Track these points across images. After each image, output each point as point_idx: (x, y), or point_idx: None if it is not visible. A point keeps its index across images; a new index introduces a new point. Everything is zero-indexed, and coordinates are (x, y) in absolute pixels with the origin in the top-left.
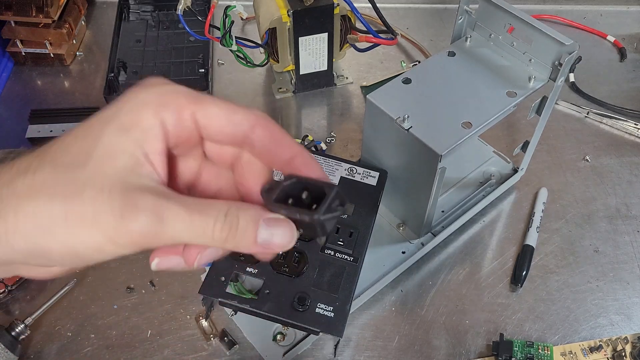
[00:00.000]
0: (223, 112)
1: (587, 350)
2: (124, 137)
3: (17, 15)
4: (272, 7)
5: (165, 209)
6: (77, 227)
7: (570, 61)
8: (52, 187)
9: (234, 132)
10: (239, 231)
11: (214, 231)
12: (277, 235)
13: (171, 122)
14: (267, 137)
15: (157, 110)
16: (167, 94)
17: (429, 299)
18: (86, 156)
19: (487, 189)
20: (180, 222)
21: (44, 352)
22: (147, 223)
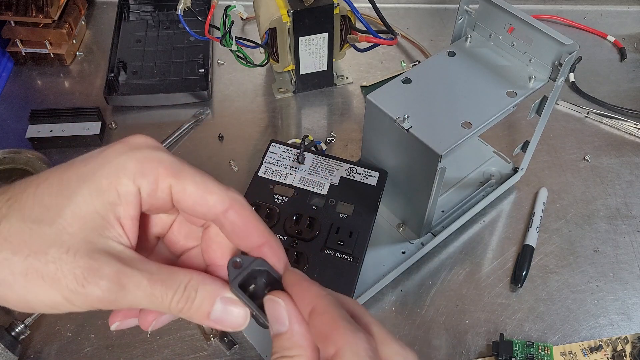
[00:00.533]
0: (199, 191)
1: (587, 350)
2: (99, 199)
3: (17, 15)
4: (272, 7)
5: (128, 277)
6: (35, 285)
7: (570, 61)
8: (17, 242)
9: (206, 212)
10: (194, 305)
11: (171, 302)
12: (231, 316)
13: (147, 191)
14: (238, 222)
15: (135, 177)
16: (147, 161)
17: (429, 299)
18: (56, 213)
19: (487, 189)
20: (141, 292)
21: (44, 352)
22: (107, 290)
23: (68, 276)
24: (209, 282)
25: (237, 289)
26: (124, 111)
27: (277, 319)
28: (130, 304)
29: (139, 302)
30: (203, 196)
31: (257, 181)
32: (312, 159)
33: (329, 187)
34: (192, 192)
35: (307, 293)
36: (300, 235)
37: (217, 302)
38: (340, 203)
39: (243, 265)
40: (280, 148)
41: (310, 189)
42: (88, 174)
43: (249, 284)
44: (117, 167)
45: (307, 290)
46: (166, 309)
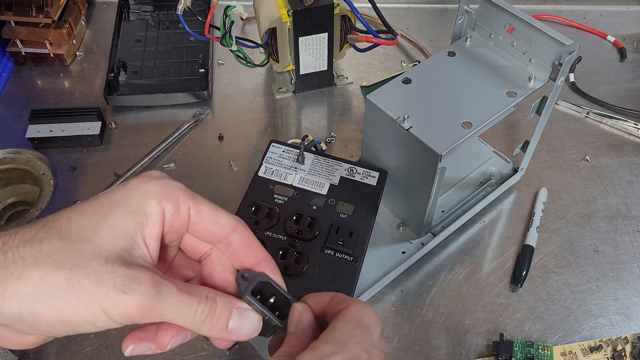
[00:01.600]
0: (212, 212)
1: (587, 350)
2: (130, 220)
3: (17, 15)
4: (272, 7)
5: (162, 284)
6: (77, 296)
7: (570, 61)
8: (58, 258)
9: (217, 232)
10: (216, 314)
11: (196, 312)
12: (247, 323)
13: (170, 212)
14: (243, 241)
15: (161, 200)
16: (170, 187)
17: (429, 299)
18: (93, 233)
19: (487, 189)
20: (173, 299)
21: (44, 352)
22: (145, 294)
23: (109, 285)
24: (225, 295)
25: (250, 296)
26: (124, 111)
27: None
28: (162, 314)
29: (170, 311)
30: (216, 216)
31: (257, 181)
32: (312, 159)
33: (329, 187)
34: (207, 212)
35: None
36: (300, 235)
37: (234, 312)
38: (340, 203)
39: (250, 278)
40: (280, 148)
41: (310, 189)
42: (119, 199)
43: (256, 294)
44: (145, 191)
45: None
46: (191, 319)
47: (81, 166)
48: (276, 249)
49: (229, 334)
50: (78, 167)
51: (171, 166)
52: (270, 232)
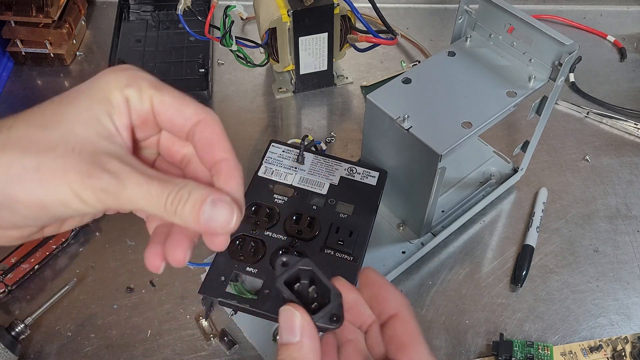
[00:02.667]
0: (176, 102)
1: (587, 350)
2: (97, 107)
3: (17, 15)
4: (272, 7)
5: (128, 173)
6: (46, 179)
7: (570, 61)
8: (25, 143)
9: (182, 124)
10: (187, 205)
11: (166, 201)
12: (219, 216)
13: (134, 100)
14: (205, 135)
15: (123, 88)
16: (132, 77)
17: (429, 299)
18: (60, 118)
19: (487, 189)
20: (139, 187)
21: (44, 352)
22: (109, 182)
23: (75, 169)
24: (203, 187)
25: (282, 285)
26: None
27: (290, 329)
28: (131, 202)
29: (137, 199)
30: (180, 108)
31: (257, 181)
32: (312, 159)
33: (328, 187)
34: (170, 103)
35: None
36: (300, 235)
37: (206, 203)
38: (340, 203)
39: (290, 264)
40: (280, 148)
41: (310, 188)
42: (83, 89)
43: (295, 282)
44: (108, 81)
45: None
46: (161, 208)
47: None
48: (276, 249)
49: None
50: None
51: None
52: (270, 232)
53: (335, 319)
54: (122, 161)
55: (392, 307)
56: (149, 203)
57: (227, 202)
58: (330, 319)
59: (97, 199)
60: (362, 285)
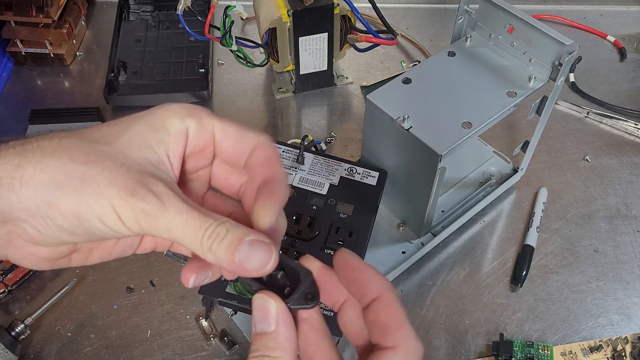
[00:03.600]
0: (238, 129)
1: (587, 350)
2: (152, 134)
3: (17, 15)
4: (272, 7)
5: (171, 198)
6: (89, 190)
7: (570, 61)
8: (76, 152)
9: (243, 151)
10: (223, 242)
11: (203, 235)
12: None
13: (194, 129)
14: (266, 155)
15: (184, 118)
16: (193, 109)
17: (429, 299)
18: (113, 138)
19: (487, 189)
20: (179, 215)
21: (44, 352)
22: (151, 203)
23: (120, 185)
24: (241, 226)
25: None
26: (124, 111)
27: (265, 318)
28: (167, 228)
29: (174, 228)
30: (242, 133)
31: None
32: (312, 159)
33: (328, 187)
34: (232, 130)
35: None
36: (300, 235)
37: (244, 242)
38: (340, 203)
39: None
40: (280, 148)
41: (310, 189)
42: (142, 115)
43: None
44: (168, 110)
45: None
46: (198, 242)
47: None
48: None
49: (238, 266)
50: None
51: None
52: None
53: (311, 296)
54: (168, 186)
55: (374, 290)
56: (186, 234)
57: (265, 243)
58: (305, 298)
59: (135, 219)
60: (338, 269)
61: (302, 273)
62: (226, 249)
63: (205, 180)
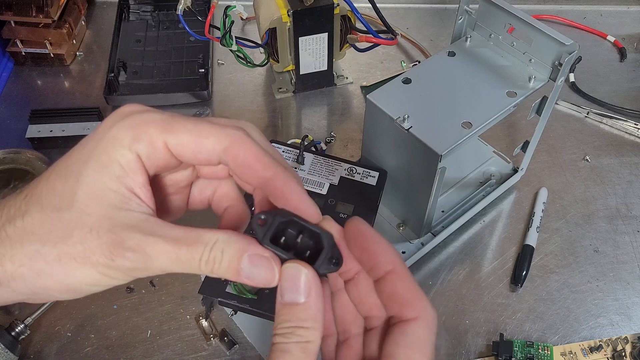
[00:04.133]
0: (194, 138)
1: (587, 350)
2: (105, 176)
3: (17, 15)
4: (272, 7)
5: (152, 245)
6: (71, 267)
7: (570, 61)
8: (42, 232)
9: (208, 157)
10: (223, 265)
11: (200, 265)
12: (259, 275)
13: (146, 154)
14: (239, 159)
15: (131, 145)
16: (138, 126)
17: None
18: (71, 197)
19: (487, 189)
20: (167, 258)
21: (44, 352)
22: (134, 260)
23: (97, 253)
24: (235, 241)
25: (269, 245)
26: None
27: (297, 288)
28: (161, 268)
29: (168, 268)
30: (199, 142)
31: None
32: (312, 159)
33: (328, 187)
34: (187, 141)
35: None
36: None
37: (244, 260)
38: (340, 203)
39: (268, 221)
40: (280, 148)
41: (310, 189)
42: (86, 155)
43: (280, 237)
44: (112, 140)
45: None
46: (197, 270)
47: None
48: None
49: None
50: None
51: None
52: None
53: (335, 261)
54: (144, 231)
55: (388, 262)
56: (182, 268)
57: (264, 258)
58: (330, 262)
59: (127, 275)
60: (350, 238)
61: (323, 236)
62: (227, 269)
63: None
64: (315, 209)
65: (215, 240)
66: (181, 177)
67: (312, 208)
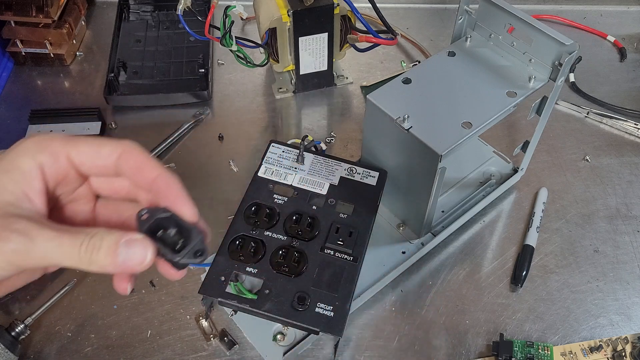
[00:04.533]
0: (92, 147)
1: (587, 350)
2: (6, 177)
3: (17, 15)
4: (272, 7)
5: (37, 230)
6: None
7: (570, 61)
8: None
9: (105, 163)
10: (101, 251)
11: (80, 251)
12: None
13: (48, 164)
14: (131, 164)
15: (35, 155)
16: (44, 140)
17: (429, 299)
18: None
19: (487, 189)
20: (49, 242)
21: (44, 352)
22: (18, 242)
23: None
24: (114, 231)
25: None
26: (124, 111)
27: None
28: (43, 255)
29: (50, 253)
30: (97, 149)
31: (256, 181)
32: (312, 159)
33: (328, 187)
34: (86, 150)
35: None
36: (300, 235)
37: (120, 246)
38: (340, 203)
39: (149, 216)
40: (280, 148)
41: (310, 189)
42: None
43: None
44: (18, 150)
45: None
46: (77, 259)
47: None
48: (276, 248)
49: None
50: None
51: (171, 166)
52: (270, 232)
53: (200, 253)
54: (32, 220)
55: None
56: (63, 256)
57: (140, 240)
58: (195, 254)
59: (8, 260)
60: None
61: (194, 232)
62: (106, 255)
63: (88, 195)
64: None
65: (97, 231)
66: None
67: (189, 207)
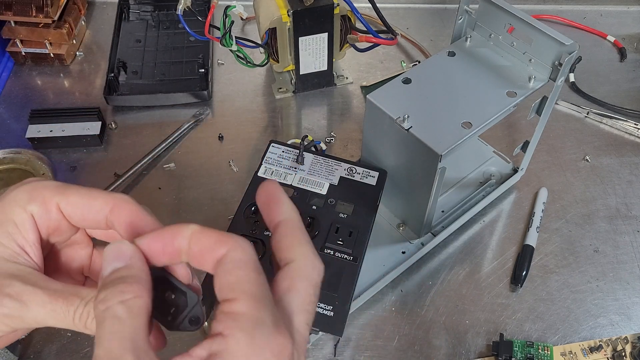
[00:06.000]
0: (84, 200)
1: (587, 350)
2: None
3: (17, 15)
4: (272, 7)
5: (30, 295)
6: None
7: (570, 61)
8: None
9: (96, 217)
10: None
11: (73, 318)
12: None
13: (38, 214)
14: (123, 218)
15: (26, 205)
16: (35, 189)
17: (429, 299)
18: None
19: (487, 189)
20: (43, 307)
21: (44, 352)
22: (11, 307)
23: None
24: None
25: None
26: (124, 111)
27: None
28: (36, 320)
29: (42, 319)
30: (88, 202)
31: (256, 181)
32: (312, 159)
33: (328, 187)
34: (77, 201)
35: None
36: None
37: None
38: (339, 203)
39: None
40: (280, 148)
41: (309, 189)
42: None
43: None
44: (9, 201)
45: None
46: (70, 324)
47: (81, 166)
48: None
49: None
50: (78, 167)
51: (171, 166)
52: (270, 232)
53: (195, 320)
54: (26, 281)
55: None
56: (56, 322)
57: None
58: (190, 322)
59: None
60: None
61: (189, 296)
62: None
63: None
64: (187, 270)
65: (92, 297)
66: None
67: (184, 269)
